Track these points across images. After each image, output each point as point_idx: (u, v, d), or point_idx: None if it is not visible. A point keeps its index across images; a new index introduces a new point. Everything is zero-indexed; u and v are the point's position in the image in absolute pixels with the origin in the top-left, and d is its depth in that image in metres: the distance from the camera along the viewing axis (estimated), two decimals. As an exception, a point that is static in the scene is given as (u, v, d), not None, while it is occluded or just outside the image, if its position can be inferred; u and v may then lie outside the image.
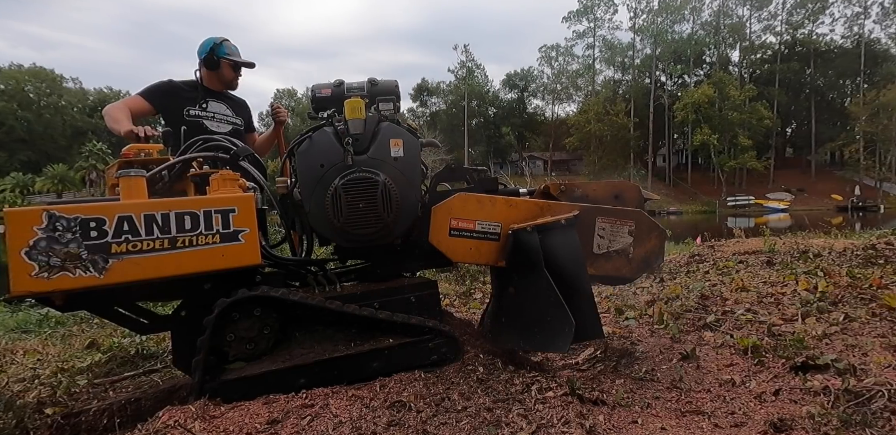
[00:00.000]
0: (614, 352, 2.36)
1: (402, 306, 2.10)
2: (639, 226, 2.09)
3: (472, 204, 2.09)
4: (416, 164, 2.13)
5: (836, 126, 51.04)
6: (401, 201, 2.05)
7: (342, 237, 2.10)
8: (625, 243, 2.08)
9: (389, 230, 2.07)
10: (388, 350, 1.98)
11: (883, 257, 3.96)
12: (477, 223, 2.08)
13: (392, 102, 2.22)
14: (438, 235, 2.07)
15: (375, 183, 2.01)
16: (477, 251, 2.08)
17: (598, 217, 2.09)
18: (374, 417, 1.62)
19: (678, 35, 51.42)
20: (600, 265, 2.10)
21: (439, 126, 53.40)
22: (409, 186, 2.10)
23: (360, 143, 2.08)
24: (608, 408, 1.72)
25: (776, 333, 2.47)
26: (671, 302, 3.23)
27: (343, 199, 2.00)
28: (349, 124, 2.10)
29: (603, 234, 2.08)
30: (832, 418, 1.58)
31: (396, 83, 2.35)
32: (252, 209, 1.82)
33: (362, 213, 2.01)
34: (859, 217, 29.82)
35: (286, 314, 1.96)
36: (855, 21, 50.04)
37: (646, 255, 2.10)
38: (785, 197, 45.24)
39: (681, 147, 54.10)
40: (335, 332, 2.02)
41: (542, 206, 2.09)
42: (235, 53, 3.05)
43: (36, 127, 48.10)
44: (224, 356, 1.87)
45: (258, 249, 1.82)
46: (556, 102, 58.55)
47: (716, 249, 5.43)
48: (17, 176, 41.34)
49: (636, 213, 2.10)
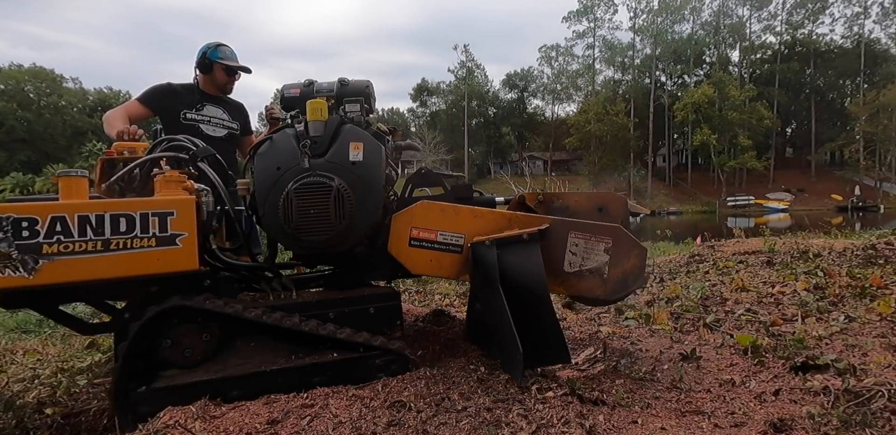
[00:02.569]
0: (614, 352, 2.36)
1: (360, 318, 2.00)
2: (617, 243, 1.88)
3: (434, 213, 1.97)
4: (377, 168, 2.01)
5: (836, 126, 51.04)
6: (356, 208, 1.95)
7: (293, 244, 2.02)
8: (600, 262, 1.88)
9: (343, 238, 1.97)
10: (331, 365, 1.88)
11: (883, 257, 3.97)
12: (439, 234, 1.95)
13: (360, 104, 2.13)
14: (398, 244, 1.98)
15: (328, 188, 1.92)
16: (438, 264, 1.96)
17: (571, 232, 1.91)
18: (374, 417, 1.62)
19: (678, 35, 51.43)
20: (571, 284, 1.91)
21: (439, 126, 53.43)
22: (368, 192, 1.98)
23: (318, 146, 2.00)
24: (608, 408, 1.72)
25: (776, 333, 2.47)
26: (671, 302, 3.23)
27: (294, 204, 1.92)
28: (309, 126, 2.03)
29: (576, 250, 1.90)
30: (832, 418, 1.58)
31: (367, 84, 2.24)
32: (192, 213, 1.77)
33: (313, 220, 1.93)
34: (859, 217, 29.80)
35: (228, 322, 1.86)
36: (855, 21, 50.08)
37: (623, 275, 1.87)
38: (785, 197, 45.22)
39: (681, 147, 54.09)
40: (278, 342, 1.91)
41: (510, 218, 1.94)
42: (229, 57, 3.06)
43: (36, 127, 48.09)
44: (161, 363, 1.80)
45: (196, 254, 1.76)
46: (556, 102, 58.64)
47: (716, 249, 5.43)
48: (17, 176, 41.30)
49: (614, 229, 1.90)
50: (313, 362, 1.86)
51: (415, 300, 4.24)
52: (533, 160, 57.33)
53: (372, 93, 2.23)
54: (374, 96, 2.25)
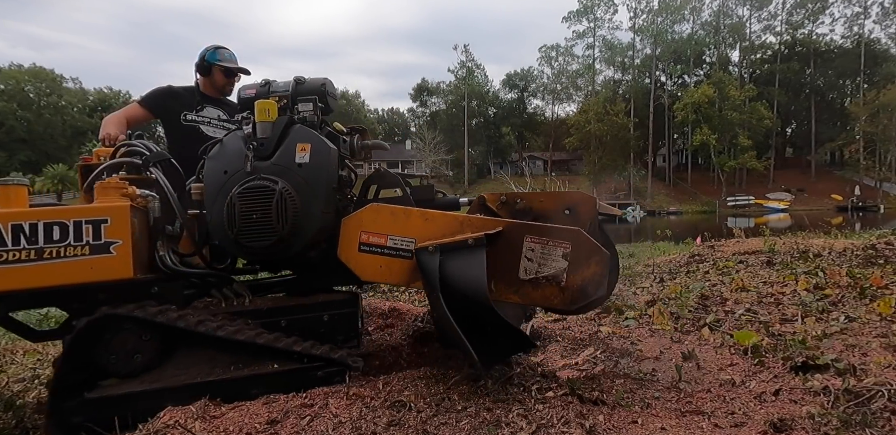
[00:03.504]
0: (614, 352, 2.36)
1: (313, 326, 1.94)
2: (576, 248, 1.71)
3: (384, 216, 1.87)
4: (325, 170, 1.93)
5: (836, 126, 51.05)
6: (300, 212, 1.87)
7: (238, 250, 1.96)
8: (557, 268, 1.72)
9: (287, 243, 1.90)
10: (271, 377, 1.81)
11: (883, 257, 3.97)
12: (389, 238, 1.84)
13: (312, 103, 2.05)
14: (347, 250, 1.89)
15: (271, 192, 1.86)
16: (388, 270, 1.84)
17: (527, 236, 1.76)
18: (374, 417, 1.62)
19: (678, 35, 51.42)
20: (526, 293, 1.76)
21: (439, 126, 53.42)
22: (314, 196, 1.90)
23: (264, 148, 1.94)
24: (608, 408, 1.72)
25: (776, 333, 2.47)
26: (671, 302, 3.23)
27: (237, 208, 1.87)
28: (257, 128, 1.97)
29: (532, 256, 1.74)
30: (832, 418, 1.58)
31: (324, 81, 2.15)
32: (126, 220, 1.74)
33: (256, 225, 1.87)
34: (859, 217, 29.79)
35: (167, 331, 1.81)
36: (855, 21, 50.10)
37: (583, 283, 1.71)
38: (785, 197, 45.23)
39: (681, 147, 54.09)
40: (218, 352, 1.85)
41: (462, 222, 1.81)
42: (228, 60, 3.08)
43: (36, 127, 48.10)
44: (100, 372, 1.77)
45: (130, 262, 1.74)
46: (556, 102, 58.62)
47: (716, 249, 5.44)
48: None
49: (573, 232, 1.74)
50: (252, 374, 1.80)
51: (415, 300, 4.24)
52: (533, 160, 57.34)
53: (329, 91, 2.15)
54: (332, 94, 2.16)
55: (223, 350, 1.83)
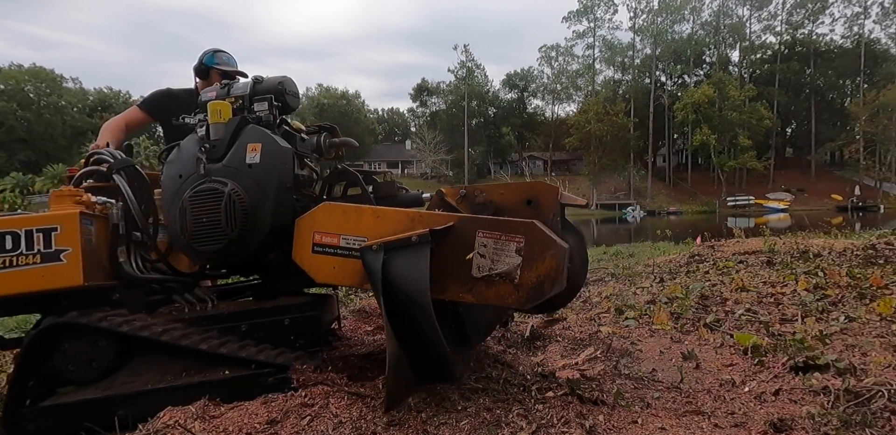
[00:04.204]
0: (614, 352, 2.37)
1: (273, 330, 1.90)
2: (530, 242, 1.60)
3: (337, 215, 1.80)
4: (276, 170, 1.88)
5: (836, 126, 51.05)
6: (250, 214, 1.84)
7: (192, 254, 1.94)
8: (511, 265, 1.60)
9: (238, 246, 1.86)
10: (221, 384, 1.77)
11: (883, 257, 3.97)
12: (342, 238, 1.77)
13: (268, 102, 2.01)
14: (301, 251, 1.83)
15: (220, 194, 1.83)
16: (342, 271, 1.77)
17: (479, 230, 1.64)
18: (374, 417, 1.62)
19: (678, 35, 51.42)
20: (480, 292, 1.65)
21: (439, 126, 53.42)
22: (264, 197, 1.86)
23: (216, 150, 1.92)
24: (608, 408, 1.72)
25: (776, 333, 2.47)
26: (671, 302, 3.23)
27: (189, 212, 1.86)
28: (210, 129, 1.96)
29: (484, 252, 1.63)
30: (832, 418, 1.58)
31: (281, 80, 2.10)
32: (76, 227, 1.74)
33: (206, 228, 1.84)
34: (859, 217, 29.78)
35: (121, 338, 1.80)
36: (855, 21, 50.10)
37: (538, 280, 1.59)
38: (785, 197, 45.23)
39: (681, 147, 54.10)
40: (171, 359, 1.83)
41: (413, 218, 1.72)
42: (226, 63, 3.09)
43: (36, 127, 48.09)
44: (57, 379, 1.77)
45: (80, 270, 1.74)
46: (556, 102, 58.61)
47: (716, 249, 5.44)
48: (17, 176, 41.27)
49: (526, 225, 1.62)
50: (202, 381, 1.77)
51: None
52: (533, 160, 57.35)
53: (287, 89, 2.10)
54: (291, 93, 2.12)
55: (176, 357, 1.81)
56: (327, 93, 56.92)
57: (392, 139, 70.15)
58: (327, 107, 53.61)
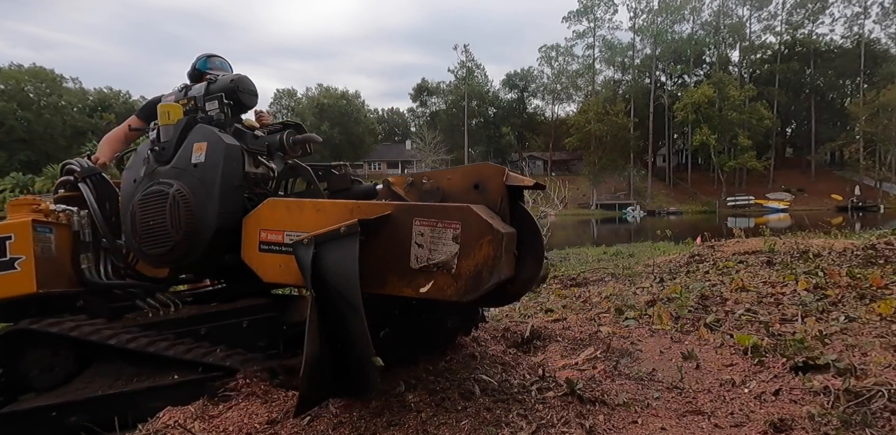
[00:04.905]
0: (614, 352, 2.36)
1: (233, 332, 1.88)
2: (466, 228, 1.50)
3: (280, 211, 1.75)
4: (221, 169, 1.83)
5: (836, 126, 51.04)
6: (195, 215, 1.79)
7: (144, 258, 1.91)
8: (448, 253, 1.50)
9: (185, 249, 1.82)
10: (171, 388, 1.76)
11: (883, 257, 3.96)
12: (286, 235, 1.70)
13: (218, 101, 1.98)
14: (249, 250, 1.77)
15: (165, 196, 1.81)
16: (287, 269, 1.69)
17: (415, 219, 1.55)
18: (374, 417, 1.62)
19: (678, 35, 51.39)
20: (419, 284, 1.54)
21: (439, 126, 53.40)
22: (209, 197, 1.80)
23: (165, 152, 1.91)
24: (608, 408, 1.72)
25: (776, 333, 2.47)
26: (671, 302, 3.23)
27: (137, 215, 1.85)
28: (160, 131, 1.95)
29: (422, 241, 1.54)
30: (832, 418, 1.58)
31: (233, 78, 2.07)
32: (28, 236, 1.76)
33: (153, 231, 1.83)
34: (859, 217, 29.79)
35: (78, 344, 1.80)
36: (855, 21, 50.06)
37: (476, 269, 1.48)
38: (785, 197, 45.22)
39: (681, 147, 54.08)
40: (125, 364, 1.82)
41: (352, 209, 1.65)
42: (218, 67, 3.10)
43: (36, 127, 48.06)
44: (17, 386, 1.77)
45: (34, 277, 1.76)
46: (556, 102, 58.59)
47: (716, 249, 5.43)
48: (17, 176, 41.25)
49: (461, 210, 1.52)
50: (152, 386, 1.76)
51: (415, 300, 4.23)
52: (533, 160, 57.33)
53: (241, 87, 2.07)
54: (245, 90, 2.09)
55: (129, 362, 1.80)
56: (327, 93, 56.88)
57: (392, 139, 70.13)
58: (327, 107, 53.56)
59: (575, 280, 4.96)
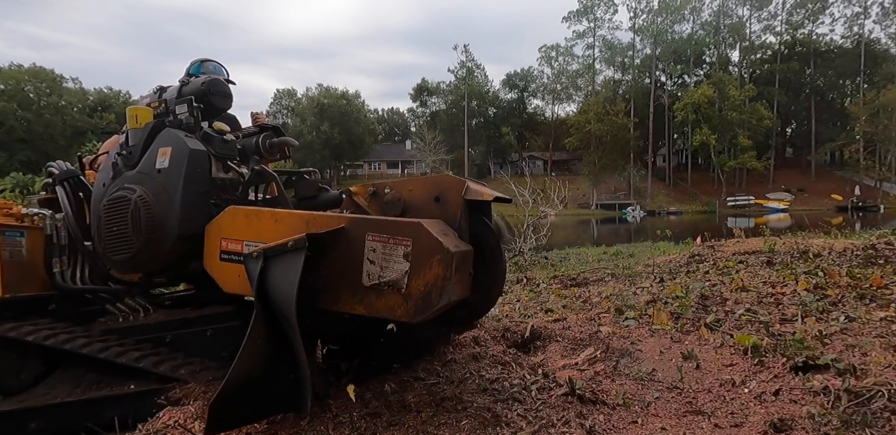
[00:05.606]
0: (614, 352, 2.36)
1: (197, 341, 1.85)
2: (417, 246, 1.43)
3: (240, 220, 1.70)
4: (184, 175, 1.79)
5: (836, 126, 51.01)
6: (157, 222, 1.76)
7: (109, 264, 1.90)
8: (399, 271, 1.43)
9: (147, 256, 1.80)
10: (127, 398, 1.72)
11: (883, 257, 3.96)
12: (245, 244, 1.66)
13: (187, 104, 1.93)
14: (210, 259, 1.73)
15: (128, 202, 1.78)
16: (245, 281, 1.61)
17: (368, 234, 1.49)
18: (373, 417, 1.62)
19: (678, 35, 51.38)
20: (371, 303, 1.48)
21: (439, 126, 53.37)
22: (171, 203, 1.77)
23: (132, 156, 1.89)
24: (608, 408, 1.72)
25: (776, 333, 2.47)
26: (671, 302, 3.23)
27: (102, 220, 1.83)
28: (128, 135, 1.93)
29: (374, 257, 1.48)
30: (832, 418, 1.58)
31: (205, 81, 2.04)
32: None
33: (115, 237, 1.80)
34: (859, 217, 29.78)
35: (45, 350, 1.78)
36: (855, 21, 50.03)
37: (426, 289, 1.41)
38: (785, 197, 45.20)
39: (681, 147, 54.07)
40: (87, 371, 1.79)
41: (307, 221, 1.59)
42: (212, 72, 3.10)
43: (36, 127, 48.04)
44: None
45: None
46: (556, 102, 58.55)
47: (716, 249, 5.43)
48: (17, 176, 41.24)
49: (413, 226, 1.45)
50: (108, 395, 1.72)
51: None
52: (533, 160, 57.29)
53: (213, 90, 2.03)
54: (217, 93, 2.05)
55: (91, 368, 1.78)
56: (327, 93, 56.81)
57: (392, 139, 70.12)
58: (327, 107, 53.49)
59: (575, 280, 4.96)
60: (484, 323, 2.76)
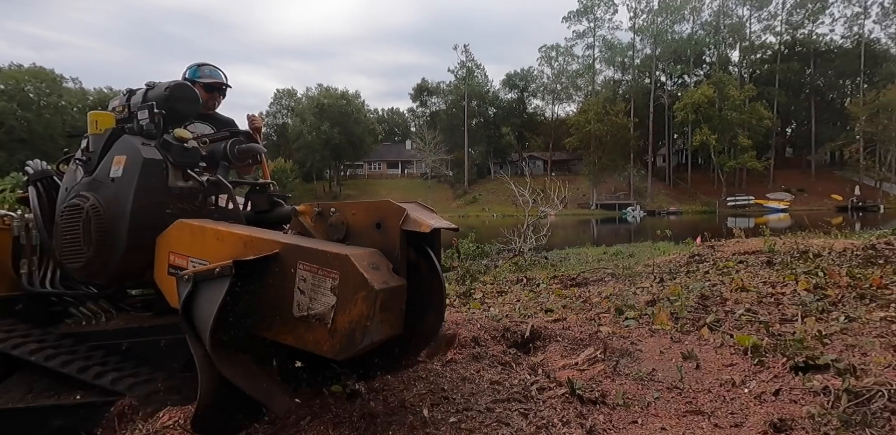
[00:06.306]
0: (614, 352, 2.36)
1: (150, 350, 1.80)
2: (343, 280, 1.35)
3: (186, 235, 1.65)
4: (136, 184, 1.75)
5: (836, 126, 51.00)
6: (107, 232, 1.73)
7: (68, 271, 1.88)
8: (326, 305, 1.37)
9: (98, 265, 1.77)
10: (73, 408, 1.67)
11: (883, 257, 3.97)
12: (190, 261, 1.60)
13: (148, 110, 1.87)
14: (159, 272, 1.69)
15: (80, 210, 1.76)
16: None
17: (299, 262, 1.42)
18: (373, 417, 1.62)
19: (678, 35, 51.39)
20: (300, 335, 1.42)
21: (439, 126, 53.39)
22: (122, 213, 1.73)
23: (90, 163, 1.86)
24: (608, 408, 1.72)
25: (776, 333, 2.47)
26: (671, 302, 3.23)
27: (58, 228, 1.82)
28: (89, 140, 1.91)
29: (304, 287, 1.41)
30: (832, 418, 1.58)
31: (168, 86, 1.96)
32: None
33: (68, 245, 1.78)
34: (859, 217, 29.81)
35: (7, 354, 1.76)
36: (855, 21, 50.00)
37: (351, 326, 1.34)
38: (785, 197, 45.20)
39: (681, 147, 54.05)
40: (40, 377, 1.76)
41: (246, 242, 1.53)
42: (208, 75, 3.11)
43: (36, 127, 48.05)
44: None
45: None
46: (556, 102, 58.53)
47: (716, 249, 5.44)
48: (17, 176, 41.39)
49: (341, 259, 1.37)
50: (56, 404, 1.68)
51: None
52: (533, 160, 57.29)
53: (176, 95, 1.96)
54: (181, 98, 1.98)
55: (44, 375, 1.75)
56: (327, 93, 56.79)
57: (392, 139, 70.10)
58: (327, 107, 53.48)
59: (575, 280, 4.96)
60: (484, 323, 2.76)
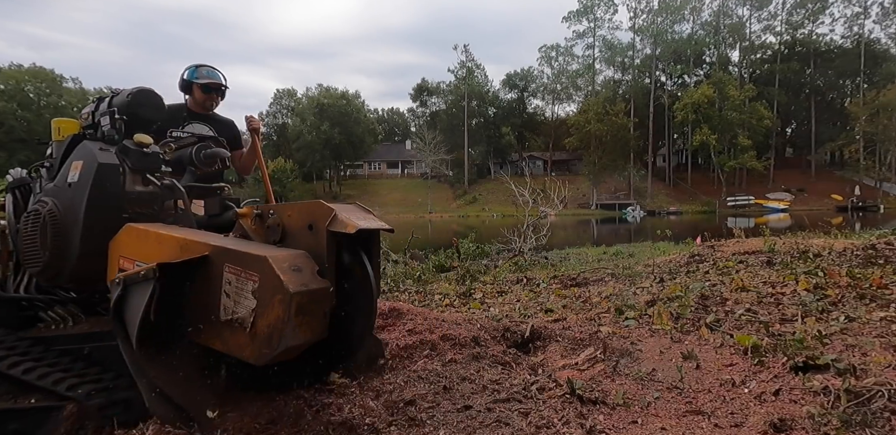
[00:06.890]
0: (614, 352, 2.36)
1: (110, 355, 1.77)
2: (263, 282, 1.35)
3: (133, 239, 1.65)
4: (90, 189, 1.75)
5: (836, 126, 51.01)
6: (62, 237, 1.75)
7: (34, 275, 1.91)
8: (248, 308, 1.36)
9: (55, 271, 1.79)
10: (28, 412, 1.66)
11: (883, 257, 3.97)
12: (136, 264, 1.58)
13: (109, 117, 1.89)
14: (111, 276, 1.66)
15: (38, 215, 1.80)
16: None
17: (226, 265, 1.42)
18: (373, 416, 1.62)
19: (678, 35, 51.41)
20: (226, 339, 1.41)
21: (439, 126, 53.41)
22: (76, 219, 1.74)
23: (53, 169, 1.92)
24: (608, 408, 1.72)
25: (776, 333, 2.47)
26: (671, 302, 3.23)
27: (20, 233, 1.86)
28: (52, 147, 1.96)
29: (229, 290, 1.40)
30: (832, 418, 1.58)
31: (131, 92, 1.97)
32: None
33: (28, 250, 1.82)
34: (859, 217, 29.81)
35: None
36: (855, 21, 50.02)
37: (269, 330, 1.33)
38: (785, 197, 45.22)
39: (681, 147, 54.07)
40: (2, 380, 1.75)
41: (182, 245, 1.52)
42: (206, 76, 3.11)
43: (36, 127, 47.98)
44: None
45: None
46: (556, 102, 58.57)
47: (716, 249, 5.44)
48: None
49: (260, 261, 1.36)
50: (11, 407, 1.68)
51: (414, 300, 4.24)
52: (533, 160, 57.32)
53: (138, 101, 1.97)
54: (144, 104, 1.99)
55: (3, 378, 1.74)
56: (327, 93, 56.82)
57: (392, 139, 70.13)
58: (327, 107, 53.51)
59: (575, 280, 4.96)
60: (484, 323, 2.76)
